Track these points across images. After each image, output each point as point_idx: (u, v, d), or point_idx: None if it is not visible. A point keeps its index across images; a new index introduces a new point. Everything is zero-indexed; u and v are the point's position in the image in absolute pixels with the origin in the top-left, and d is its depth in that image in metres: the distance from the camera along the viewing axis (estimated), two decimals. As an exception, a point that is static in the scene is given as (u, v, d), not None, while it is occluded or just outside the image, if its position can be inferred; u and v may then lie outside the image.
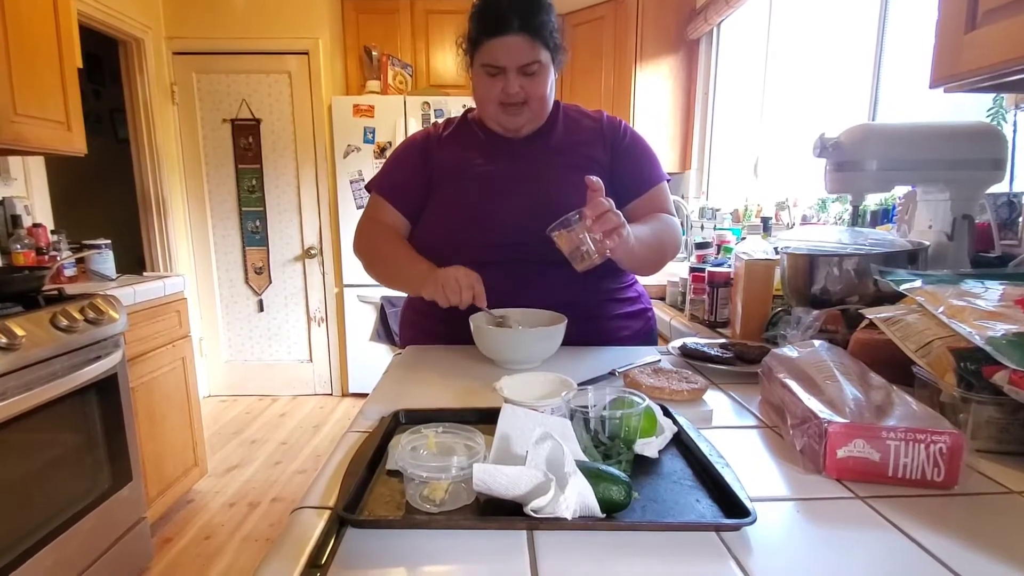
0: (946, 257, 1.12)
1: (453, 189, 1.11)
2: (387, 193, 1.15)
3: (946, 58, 0.92)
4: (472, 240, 1.07)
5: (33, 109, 1.78)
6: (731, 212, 2.64)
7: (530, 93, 1.04)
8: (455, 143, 1.15)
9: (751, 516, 0.48)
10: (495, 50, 1.01)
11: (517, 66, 1.02)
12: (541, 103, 1.07)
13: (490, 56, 1.02)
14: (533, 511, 0.48)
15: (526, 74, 1.03)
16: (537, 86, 1.04)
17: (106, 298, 1.70)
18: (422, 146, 1.16)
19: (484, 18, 1.02)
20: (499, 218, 1.06)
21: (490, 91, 1.05)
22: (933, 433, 0.56)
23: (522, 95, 1.04)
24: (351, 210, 3.33)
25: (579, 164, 1.09)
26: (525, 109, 1.06)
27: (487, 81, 1.05)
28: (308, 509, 0.53)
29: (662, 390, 0.78)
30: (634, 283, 1.22)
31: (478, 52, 1.04)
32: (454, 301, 0.94)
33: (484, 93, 1.07)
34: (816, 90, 2.22)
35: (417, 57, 3.53)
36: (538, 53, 1.02)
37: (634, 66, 3.07)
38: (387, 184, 1.16)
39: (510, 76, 1.03)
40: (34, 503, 1.45)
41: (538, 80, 1.04)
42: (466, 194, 1.10)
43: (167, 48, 3.18)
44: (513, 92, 1.03)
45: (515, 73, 1.02)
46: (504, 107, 1.06)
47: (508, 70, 1.02)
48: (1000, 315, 0.68)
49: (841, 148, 1.14)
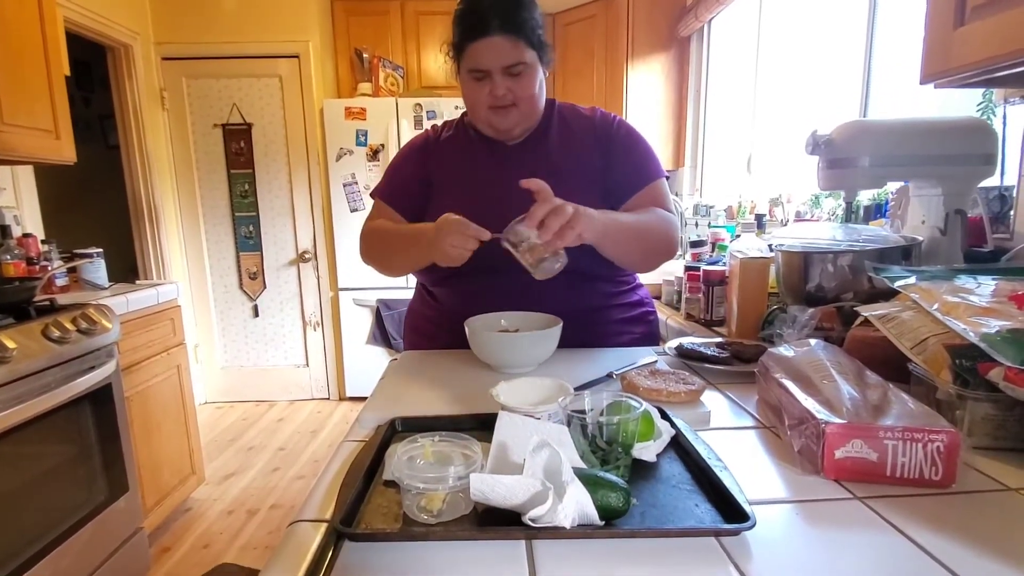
0: (939, 252, 1.13)
1: (449, 196, 1.11)
2: (387, 197, 1.17)
3: (935, 54, 0.92)
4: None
5: (20, 118, 1.77)
6: (725, 209, 2.64)
7: (518, 94, 1.03)
8: (452, 147, 1.16)
9: (750, 521, 0.48)
10: (478, 53, 1.00)
11: (501, 67, 1.00)
12: (530, 103, 1.06)
13: (474, 60, 1.01)
14: (531, 520, 0.47)
15: (511, 75, 1.01)
16: (524, 86, 1.03)
17: (99, 308, 1.69)
18: (421, 149, 1.17)
19: (465, 22, 1.01)
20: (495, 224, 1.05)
21: (478, 95, 1.04)
22: (930, 432, 0.56)
23: (510, 97, 1.03)
24: (345, 213, 3.32)
25: (573, 166, 1.09)
26: (514, 111, 1.04)
27: (474, 86, 1.04)
28: (304, 523, 0.53)
29: (659, 392, 0.78)
30: (636, 286, 1.21)
31: (463, 58, 1.03)
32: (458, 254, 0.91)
33: (473, 98, 1.06)
34: (807, 86, 2.23)
35: (408, 59, 3.52)
36: (522, 53, 1.01)
37: (626, 64, 3.07)
38: (387, 189, 1.18)
39: (496, 78, 1.01)
40: (29, 516, 1.44)
41: (524, 80, 1.03)
42: (461, 201, 1.08)
43: (156, 53, 3.16)
44: (500, 95, 1.02)
45: (500, 75, 1.01)
46: (494, 110, 1.05)
47: (493, 72, 1.01)
48: (994, 311, 0.68)
49: (833, 145, 1.14)
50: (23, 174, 2.29)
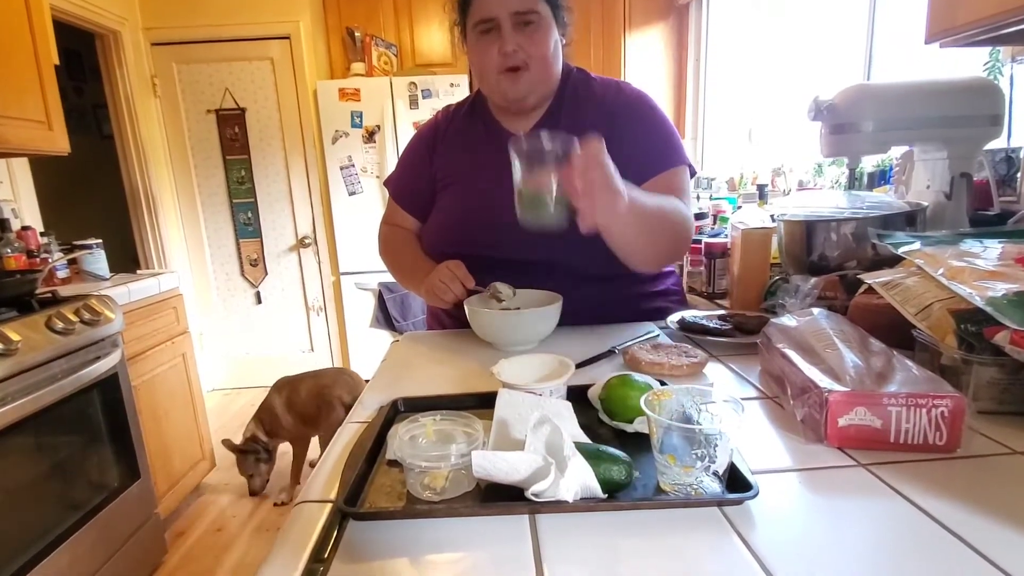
0: (945, 217, 1.11)
1: (454, 191, 1.09)
2: (397, 196, 1.18)
3: (941, 12, 0.90)
4: (475, 240, 1.03)
5: (11, 110, 1.75)
6: (727, 181, 2.61)
7: (529, 52, 0.94)
8: (458, 140, 1.11)
9: (753, 490, 0.48)
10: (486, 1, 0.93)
11: (510, 13, 0.92)
12: (543, 64, 0.96)
13: (481, 8, 0.93)
14: (534, 495, 0.47)
15: (523, 25, 0.93)
16: (536, 43, 0.94)
17: (101, 298, 1.69)
18: (429, 141, 1.13)
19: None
20: (500, 216, 0.95)
21: (487, 56, 0.95)
22: (934, 397, 0.56)
23: (521, 55, 0.94)
24: (343, 197, 3.29)
25: None
26: (526, 74, 0.96)
27: (483, 44, 0.95)
28: (310, 503, 0.53)
29: (661, 366, 0.78)
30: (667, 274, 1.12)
31: (469, 13, 0.96)
32: (448, 299, 0.96)
33: (481, 60, 0.97)
34: (810, 51, 2.18)
35: (401, 36, 3.45)
36: (534, 2, 0.92)
37: (623, 34, 3.00)
38: (397, 187, 1.18)
39: (505, 30, 0.92)
40: (45, 504, 1.46)
41: (537, 36, 0.94)
42: (466, 195, 1.07)
43: (145, 39, 3.11)
44: (510, 51, 0.93)
45: (510, 26, 0.92)
46: (505, 75, 0.96)
47: (502, 21, 0.92)
48: (1000, 274, 0.67)
49: (836, 110, 1.12)
50: (19, 166, 2.28)
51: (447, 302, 0.96)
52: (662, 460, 0.50)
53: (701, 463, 0.48)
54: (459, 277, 0.95)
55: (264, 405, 2.26)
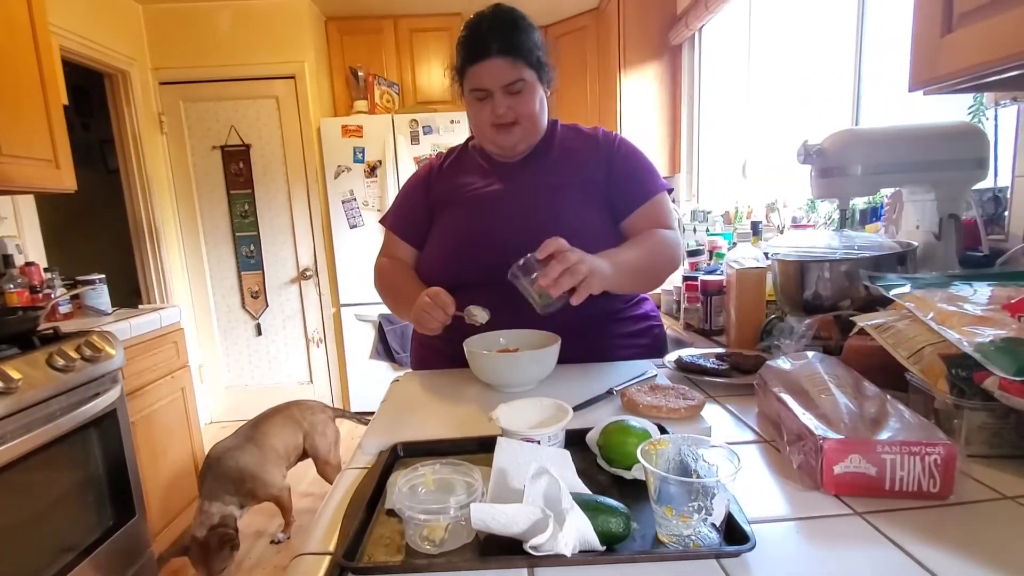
0: (935, 257, 1.13)
1: (449, 213, 1.15)
2: (395, 227, 1.24)
3: (924, 62, 0.93)
4: (467, 262, 1.09)
5: (19, 149, 1.78)
6: (722, 214, 2.65)
7: (519, 111, 1.08)
8: (454, 170, 1.20)
9: (750, 542, 0.48)
10: (479, 74, 1.06)
11: (501, 86, 1.05)
12: (531, 120, 1.09)
13: (476, 81, 1.07)
14: (532, 549, 0.48)
15: (512, 93, 1.06)
16: (524, 104, 1.07)
17: (102, 335, 1.70)
18: (425, 179, 1.22)
19: (467, 46, 1.07)
20: (492, 237, 1.08)
21: (482, 115, 1.09)
22: (927, 445, 0.56)
23: (511, 115, 1.07)
24: (344, 230, 3.34)
25: (574, 181, 1.11)
26: (516, 128, 1.09)
27: (478, 106, 1.09)
28: (308, 556, 0.53)
29: (659, 409, 0.78)
30: (641, 300, 1.21)
31: (466, 79, 1.09)
32: (433, 328, 0.99)
33: (477, 118, 1.11)
34: (799, 91, 2.24)
35: (403, 75, 3.55)
36: (520, 71, 1.05)
37: (618, 73, 3.09)
38: (394, 219, 1.24)
39: (497, 97, 1.06)
40: (39, 543, 1.44)
41: (525, 98, 1.07)
42: (460, 216, 1.14)
43: (153, 78, 3.19)
44: (501, 112, 1.07)
45: (501, 94, 1.06)
46: (497, 128, 1.09)
47: (494, 91, 1.06)
48: (988, 319, 0.68)
49: (825, 154, 1.15)
50: (24, 202, 2.31)
51: (434, 330, 0.99)
52: (659, 511, 0.51)
53: (698, 514, 0.49)
54: (439, 305, 0.98)
55: (231, 474, 1.93)
